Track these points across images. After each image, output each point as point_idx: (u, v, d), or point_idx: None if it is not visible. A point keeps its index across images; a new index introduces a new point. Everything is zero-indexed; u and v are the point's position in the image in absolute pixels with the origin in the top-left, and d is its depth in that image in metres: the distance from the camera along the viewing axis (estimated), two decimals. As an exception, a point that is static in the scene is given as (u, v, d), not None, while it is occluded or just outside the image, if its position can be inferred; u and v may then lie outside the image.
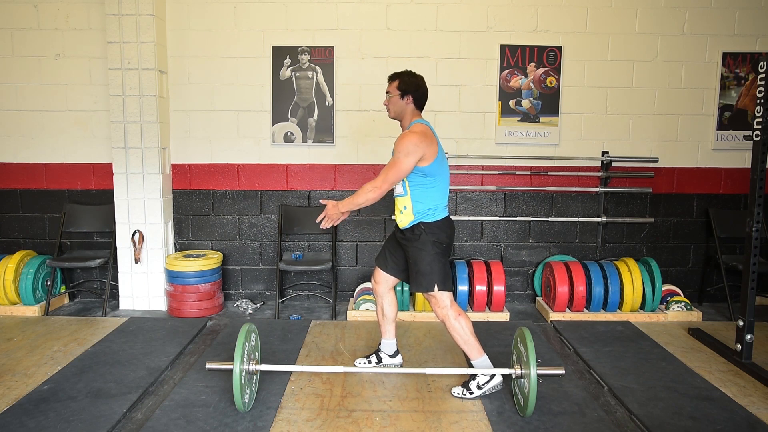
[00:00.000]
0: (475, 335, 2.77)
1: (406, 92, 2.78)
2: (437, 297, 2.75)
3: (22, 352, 3.35)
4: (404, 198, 2.78)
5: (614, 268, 4.14)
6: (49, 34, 4.30)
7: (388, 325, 3.09)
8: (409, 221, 2.78)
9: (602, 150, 4.43)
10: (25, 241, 4.56)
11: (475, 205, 4.52)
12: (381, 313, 3.08)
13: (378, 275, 3.04)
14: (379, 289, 3.05)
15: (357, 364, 3.15)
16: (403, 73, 2.82)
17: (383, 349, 3.15)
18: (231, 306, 4.46)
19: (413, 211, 2.76)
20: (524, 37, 4.32)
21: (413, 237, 2.77)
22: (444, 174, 2.78)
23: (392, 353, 3.15)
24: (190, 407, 2.67)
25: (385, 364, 3.14)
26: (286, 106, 4.37)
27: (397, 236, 2.91)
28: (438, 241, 2.75)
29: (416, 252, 2.77)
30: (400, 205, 2.81)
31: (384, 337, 3.12)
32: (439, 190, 2.76)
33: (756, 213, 3.15)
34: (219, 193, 4.50)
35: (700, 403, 2.76)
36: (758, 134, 3.11)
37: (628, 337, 3.67)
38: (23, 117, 4.40)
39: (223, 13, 4.29)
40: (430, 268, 2.73)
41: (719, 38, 4.34)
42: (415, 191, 2.74)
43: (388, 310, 3.06)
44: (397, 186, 2.79)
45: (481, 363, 2.77)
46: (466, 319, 2.77)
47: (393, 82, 2.82)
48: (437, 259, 2.74)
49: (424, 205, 2.74)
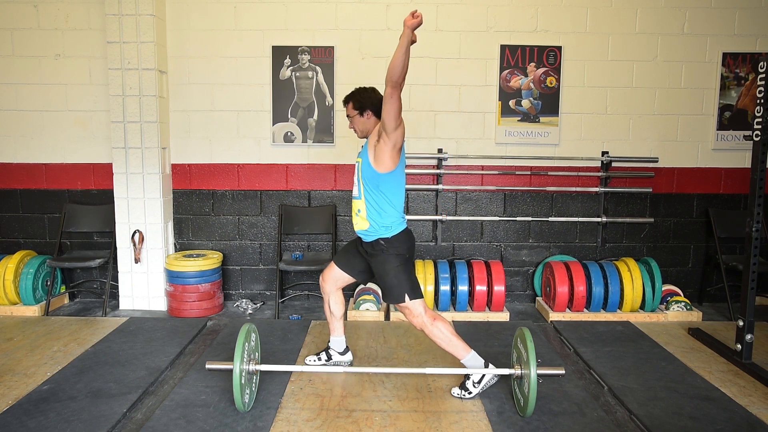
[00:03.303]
0: (456, 334, 2.78)
1: (364, 109, 2.82)
2: (410, 307, 2.77)
3: (22, 352, 3.35)
4: (359, 201, 2.81)
5: (614, 268, 4.14)
6: (49, 34, 4.30)
7: (336, 323, 3.12)
8: (366, 226, 2.80)
9: (602, 150, 4.43)
10: (25, 241, 4.55)
11: (475, 205, 4.52)
12: (329, 311, 3.10)
13: (328, 273, 3.05)
14: (326, 287, 3.06)
15: (307, 361, 3.19)
16: (354, 93, 2.86)
17: (333, 346, 3.17)
18: (231, 306, 4.46)
19: (367, 217, 2.78)
20: (524, 37, 4.32)
21: (375, 252, 2.81)
22: (401, 183, 2.79)
23: (342, 350, 3.18)
24: (190, 407, 2.67)
25: (335, 362, 3.17)
26: (286, 106, 4.37)
27: (360, 249, 2.94)
28: (400, 253, 2.78)
29: (380, 266, 2.80)
30: (355, 208, 2.85)
31: (333, 334, 3.15)
32: (394, 198, 2.77)
33: (756, 213, 3.15)
34: (219, 193, 4.50)
35: (700, 403, 2.76)
36: (758, 134, 3.11)
37: (628, 337, 3.67)
38: (23, 117, 4.40)
39: (223, 13, 4.29)
40: (397, 279, 2.76)
41: (719, 38, 4.34)
42: (368, 195, 2.76)
43: (336, 308, 3.09)
44: (354, 187, 2.84)
45: (471, 359, 2.78)
46: (443, 321, 2.79)
47: (348, 105, 2.86)
48: (402, 269, 2.78)
49: (379, 215, 2.75)
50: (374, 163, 2.71)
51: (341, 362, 3.17)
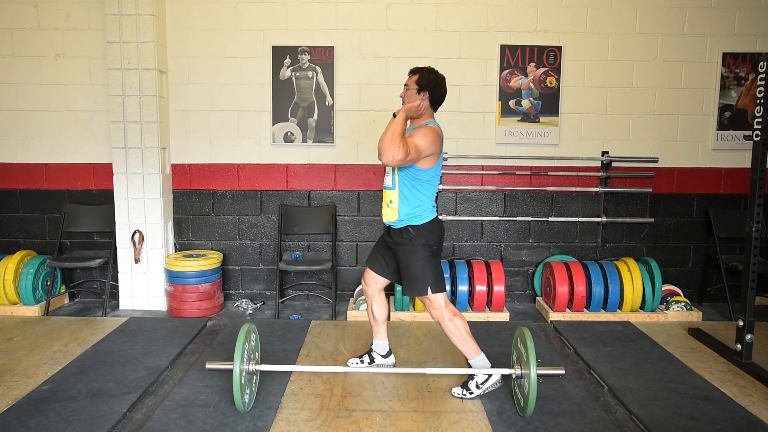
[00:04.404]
0: (471, 334, 2.76)
1: (424, 88, 2.73)
2: (431, 299, 2.74)
3: (22, 352, 3.35)
4: (392, 191, 2.76)
5: (614, 268, 4.14)
6: (49, 34, 4.30)
7: (379, 326, 3.10)
8: (395, 218, 2.76)
9: (602, 150, 4.43)
10: (25, 241, 4.56)
11: (475, 205, 4.52)
12: (371, 315, 3.08)
13: (368, 277, 3.03)
14: (369, 290, 3.04)
15: (349, 364, 3.15)
16: (425, 69, 2.77)
17: (375, 349, 3.15)
18: (231, 306, 4.46)
19: (398, 208, 2.74)
20: (524, 37, 4.32)
21: (402, 241, 2.76)
22: (436, 179, 2.78)
23: (385, 353, 3.16)
24: (190, 407, 2.67)
25: (378, 364, 3.14)
26: (286, 106, 4.37)
27: (386, 240, 2.91)
28: (428, 244, 2.74)
29: (407, 256, 2.76)
30: (387, 198, 2.80)
31: (376, 337, 3.13)
32: (427, 192, 2.74)
33: (756, 213, 3.15)
34: (219, 193, 4.50)
35: (700, 403, 2.76)
36: (758, 134, 3.11)
37: (628, 337, 3.67)
38: (23, 117, 4.40)
39: (223, 13, 4.29)
40: (422, 271, 2.72)
41: (719, 38, 4.34)
42: (403, 187, 2.73)
43: (378, 312, 3.06)
44: (387, 177, 2.79)
45: (479, 362, 2.77)
46: (462, 319, 2.77)
47: (413, 76, 2.76)
48: (429, 261, 2.74)
49: (411, 205, 2.73)
50: None
51: (384, 365, 3.14)
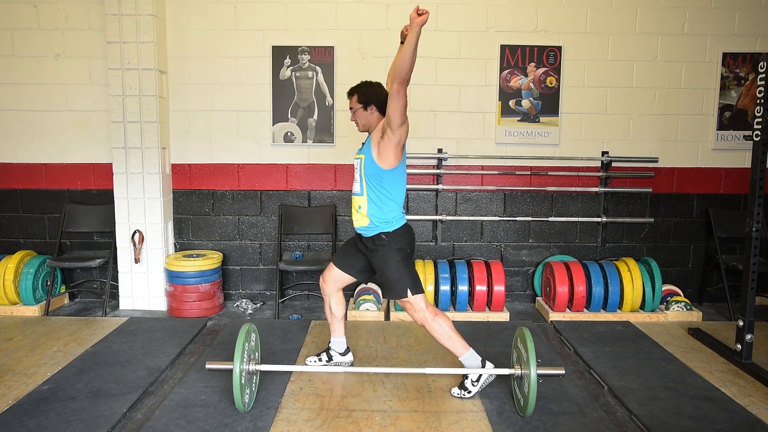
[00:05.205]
0: (455, 331, 2.78)
1: (368, 103, 2.80)
2: (411, 302, 2.77)
3: (22, 352, 3.35)
4: (360, 197, 2.81)
5: (614, 268, 4.14)
6: (49, 34, 4.30)
7: (337, 324, 3.12)
8: (366, 223, 2.80)
9: (602, 150, 4.43)
10: (25, 241, 4.55)
11: (475, 205, 4.52)
12: (329, 312, 3.10)
13: (329, 274, 3.04)
14: (327, 288, 3.05)
15: (308, 362, 3.18)
16: (360, 86, 2.85)
17: (333, 347, 3.17)
18: (231, 306, 4.46)
19: (368, 213, 2.78)
20: (524, 37, 4.32)
21: (375, 248, 2.80)
22: (403, 179, 2.80)
23: (343, 351, 3.18)
24: (190, 407, 2.67)
25: (336, 362, 3.16)
26: (286, 106, 4.37)
27: (359, 246, 2.93)
28: (401, 248, 2.78)
29: (381, 261, 2.80)
30: (355, 204, 2.85)
31: (333, 335, 3.15)
32: (395, 195, 2.78)
33: (756, 213, 3.15)
34: (219, 193, 4.50)
35: (700, 403, 2.76)
36: (758, 134, 3.11)
37: (628, 337, 3.67)
38: (23, 117, 4.40)
39: (223, 13, 4.29)
40: (399, 275, 2.76)
41: (719, 38, 4.34)
42: (371, 192, 2.77)
43: (336, 309, 3.08)
44: (355, 183, 2.84)
45: (469, 357, 2.78)
46: (444, 317, 2.79)
47: (353, 97, 2.84)
48: (403, 264, 2.78)
49: (380, 210, 2.76)
50: (378, 160, 2.72)
51: (342, 363, 3.17)
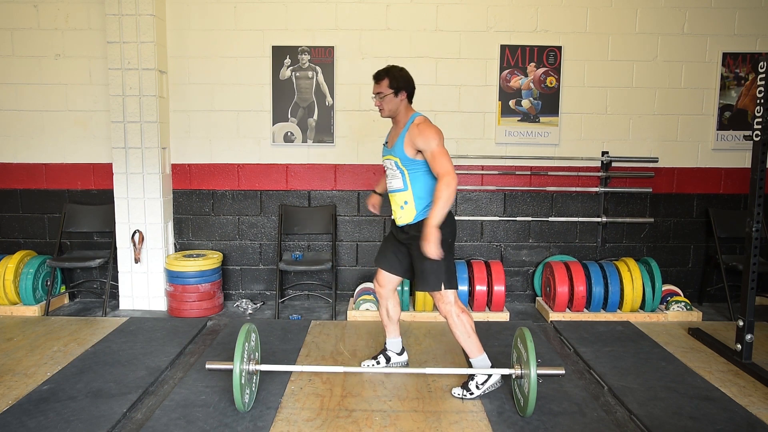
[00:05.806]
0: (476, 333, 2.77)
1: (400, 89, 2.71)
2: (442, 294, 2.74)
3: (22, 352, 3.35)
4: (405, 193, 2.74)
5: (614, 268, 4.14)
6: (49, 34, 4.30)
7: (393, 325, 3.09)
8: (413, 217, 2.74)
9: (602, 150, 4.43)
10: (25, 241, 4.55)
11: (475, 205, 4.52)
12: (386, 315, 3.06)
13: (382, 278, 2.99)
14: (383, 291, 3.01)
15: (363, 365, 3.12)
16: (391, 70, 2.72)
17: (391, 348, 3.15)
18: (231, 306, 4.46)
19: (415, 206, 2.73)
20: (524, 37, 4.32)
21: (418, 234, 2.69)
22: None
23: (399, 351, 3.16)
24: (190, 407, 2.67)
25: (394, 363, 3.14)
26: (286, 106, 4.37)
27: (399, 237, 2.87)
28: (443, 239, 2.68)
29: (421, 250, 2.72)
30: (400, 201, 2.77)
31: (390, 336, 3.13)
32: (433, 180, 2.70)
33: (756, 213, 3.15)
34: (219, 193, 4.50)
35: (700, 403, 2.76)
36: (758, 134, 3.11)
37: (628, 337, 3.67)
38: (23, 117, 4.40)
39: (223, 13, 4.29)
40: (437, 266, 2.69)
41: (719, 38, 4.34)
42: (416, 185, 2.71)
43: (394, 311, 3.05)
44: (394, 180, 2.76)
45: (480, 361, 2.77)
46: (468, 316, 2.77)
47: (382, 81, 2.71)
48: (443, 256, 2.71)
49: (426, 199, 2.71)
50: (413, 156, 2.67)
51: (399, 363, 3.15)
